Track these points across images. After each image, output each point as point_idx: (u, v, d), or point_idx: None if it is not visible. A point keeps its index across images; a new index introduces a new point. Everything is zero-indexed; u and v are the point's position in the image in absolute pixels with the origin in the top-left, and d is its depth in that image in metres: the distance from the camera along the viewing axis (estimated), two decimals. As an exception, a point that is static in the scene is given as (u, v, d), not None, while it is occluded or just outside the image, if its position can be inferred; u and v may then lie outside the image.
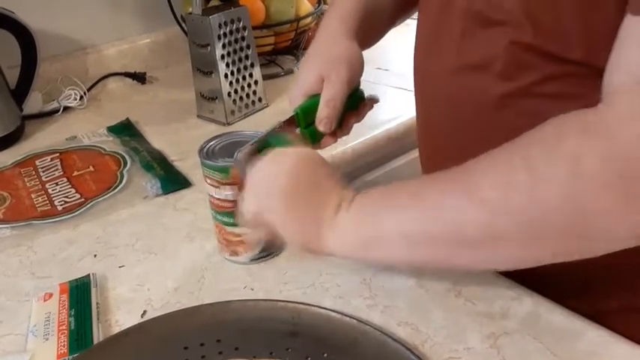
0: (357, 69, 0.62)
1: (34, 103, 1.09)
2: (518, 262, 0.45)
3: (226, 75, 0.99)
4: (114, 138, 0.98)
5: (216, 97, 1.00)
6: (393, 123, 0.97)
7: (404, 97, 0.70)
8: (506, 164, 0.42)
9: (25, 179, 0.86)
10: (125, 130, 1.01)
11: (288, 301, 0.55)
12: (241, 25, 1.00)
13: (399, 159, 1.04)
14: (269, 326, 0.53)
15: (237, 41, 1.00)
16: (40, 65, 1.07)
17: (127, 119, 1.05)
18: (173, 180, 0.83)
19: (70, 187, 0.83)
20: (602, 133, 0.39)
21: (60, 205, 0.78)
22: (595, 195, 0.38)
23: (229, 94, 1.00)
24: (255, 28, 1.12)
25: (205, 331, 0.53)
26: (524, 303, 0.55)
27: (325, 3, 1.31)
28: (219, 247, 0.66)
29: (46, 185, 0.84)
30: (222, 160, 0.59)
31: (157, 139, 0.97)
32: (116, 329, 0.56)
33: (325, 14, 0.70)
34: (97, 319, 0.56)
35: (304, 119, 0.60)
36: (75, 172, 0.87)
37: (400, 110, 0.98)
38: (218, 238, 0.65)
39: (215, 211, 0.62)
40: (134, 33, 1.29)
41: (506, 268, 0.52)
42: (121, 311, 0.59)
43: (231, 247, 0.63)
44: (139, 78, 1.24)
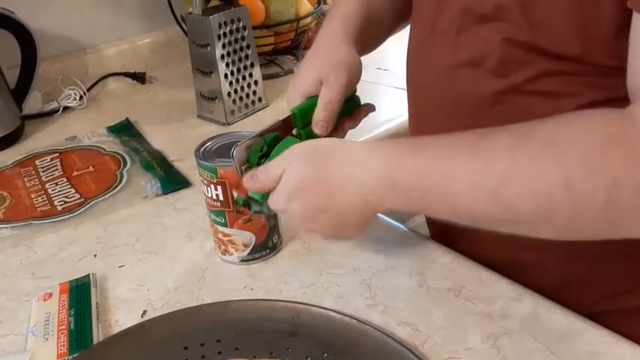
0: (356, 75, 0.63)
1: (33, 103, 1.09)
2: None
3: (226, 75, 0.99)
4: (114, 138, 0.98)
5: (216, 97, 1.00)
6: (392, 123, 0.97)
7: (404, 97, 0.70)
8: (542, 170, 0.42)
9: (25, 179, 0.86)
10: (125, 130, 1.01)
11: (288, 301, 0.55)
12: (241, 25, 1.00)
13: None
14: (269, 326, 0.53)
15: (237, 41, 1.00)
16: (40, 65, 1.07)
17: (127, 119, 1.05)
18: (173, 180, 0.83)
19: (70, 187, 0.83)
20: None
21: (60, 205, 0.78)
22: (629, 217, 0.40)
23: (229, 94, 1.00)
24: (255, 28, 1.12)
25: (205, 331, 0.53)
26: (524, 303, 0.55)
27: (325, 3, 1.31)
28: (215, 246, 0.66)
29: (46, 185, 0.84)
30: (217, 161, 0.59)
31: (157, 139, 0.97)
32: (116, 329, 0.56)
33: (327, 16, 0.70)
34: (97, 319, 0.56)
35: (301, 120, 0.61)
36: (75, 172, 0.87)
37: (400, 110, 0.97)
38: (213, 237, 0.65)
39: (209, 210, 0.63)
40: (134, 33, 1.29)
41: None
42: (121, 311, 0.59)
43: (223, 246, 0.64)
44: (138, 78, 1.24)
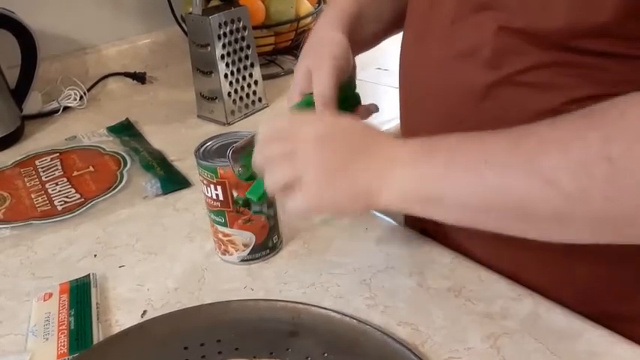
0: (343, 57, 0.60)
1: (33, 103, 1.09)
2: (578, 241, 0.44)
3: (226, 75, 0.99)
4: (114, 138, 0.98)
5: (216, 97, 1.00)
6: (393, 123, 0.97)
7: (404, 97, 0.70)
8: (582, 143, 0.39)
9: (25, 179, 0.86)
10: (125, 130, 1.01)
11: (288, 301, 0.55)
12: (241, 25, 1.00)
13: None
14: (269, 326, 0.53)
15: (237, 41, 1.00)
16: (40, 65, 1.07)
17: (127, 119, 1.05)
18: (173, 180, 0.83)
19: (70, 187, 0.83)
20: None
21: (60, 205, 0.78)
22: None
23: (229, 94, 1.00)
24: (255, 28, 1.12)
25: (205, 331, 0.53)
26: (524, 303, 0.55)
27: (325, 3, 1.31)
28: (215, 246, 0.66)
29: (46, 185, 0.84)
30: (217, 161, 0.59)
31: (157, 139, 0.97)
32: (116, 329, 0.56)
33: (319, 16, 0.70)
34: (97, 319, 0.56)
35: None
36: (75, 172, 0.87)
37: (400, 110, 0.98)
38: (213, 237, 0.65)
39: (209, 210, 0.63)
40: (134, 33, 1.29)
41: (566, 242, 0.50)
42: (121, 311, 0.59)
43: (223, 246, 0.64)
44: (139, 78, 1.24)
